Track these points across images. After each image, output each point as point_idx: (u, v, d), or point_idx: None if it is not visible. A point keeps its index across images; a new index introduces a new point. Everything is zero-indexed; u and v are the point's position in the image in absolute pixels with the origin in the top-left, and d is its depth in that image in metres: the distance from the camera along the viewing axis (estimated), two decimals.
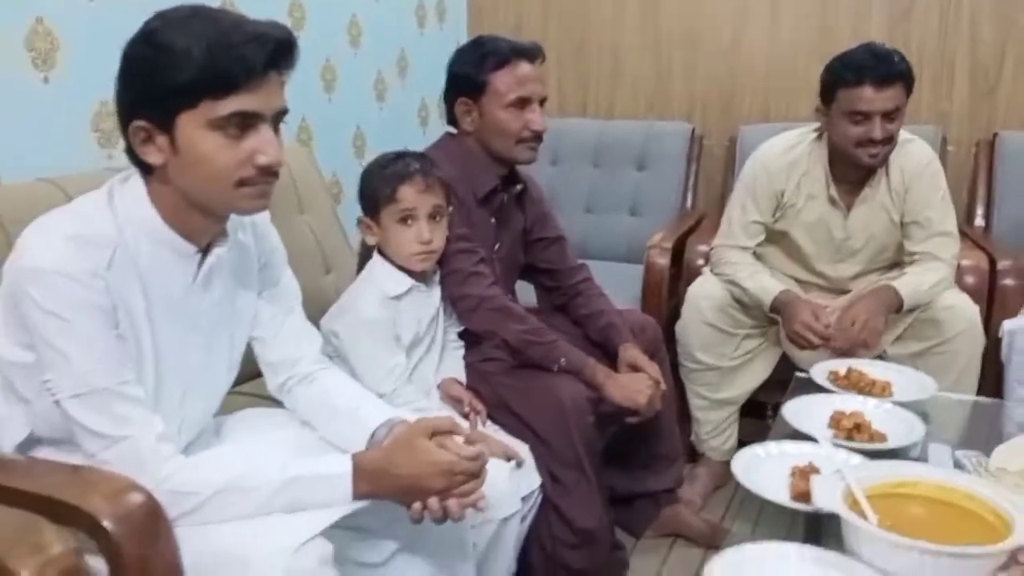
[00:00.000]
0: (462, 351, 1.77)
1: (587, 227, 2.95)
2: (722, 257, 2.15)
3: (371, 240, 1.63)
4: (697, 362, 2.17)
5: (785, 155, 2.08)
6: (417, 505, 1.16)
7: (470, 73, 1.76)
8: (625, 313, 1.97)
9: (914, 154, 2.04)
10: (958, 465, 1.42)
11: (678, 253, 2.53)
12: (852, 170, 2.02)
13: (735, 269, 2.10)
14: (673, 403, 2.01)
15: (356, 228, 1.68)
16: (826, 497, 1.15)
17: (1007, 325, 2.02)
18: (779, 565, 1.10)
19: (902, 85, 1.92)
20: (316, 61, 2.44)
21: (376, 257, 1.64)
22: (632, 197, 2.98)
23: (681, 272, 2.47)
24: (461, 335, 1.77)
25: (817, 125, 2.07)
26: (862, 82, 1.90)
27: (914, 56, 2.78)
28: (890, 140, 1.96)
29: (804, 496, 1.25)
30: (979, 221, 2.62)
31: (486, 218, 1.81)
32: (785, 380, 1.90)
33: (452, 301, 1.72)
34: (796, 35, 2.96)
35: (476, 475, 1.16)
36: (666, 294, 2.41)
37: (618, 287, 2.45)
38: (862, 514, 1.11)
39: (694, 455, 2.26)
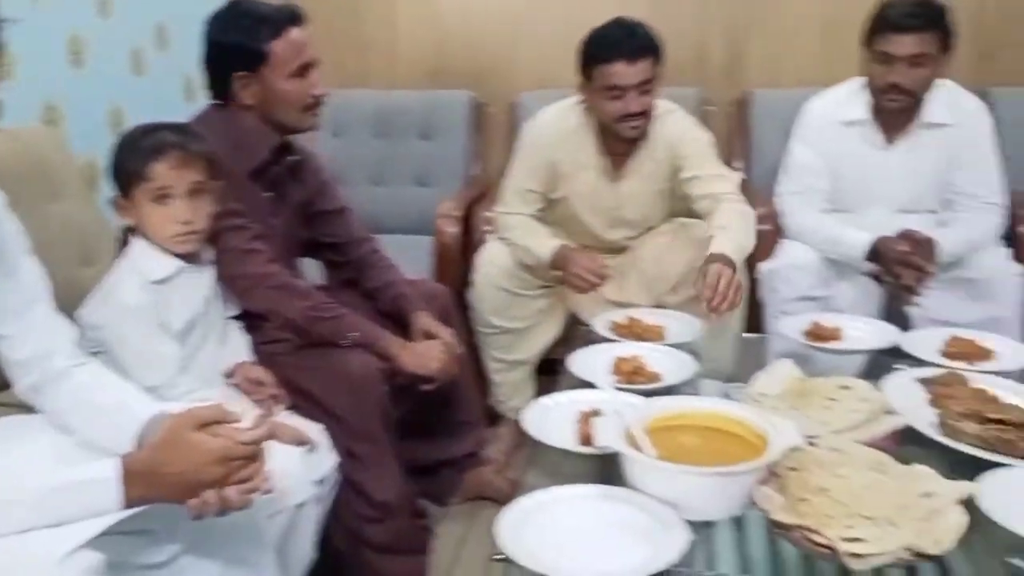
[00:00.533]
0: (246, 334, 1.69)
1: (375, 199, 2.91)
2: (502, 223, 2.19)
3: (127, 221, 1.50)
4: (491, 326, 2.20)
5: (557, 125, 2.12)
6: (194, 501, 1.08)
7: (245, 44, 1.65)
8: (415, 282, 1.96)
9: (673, 123, 2.12)
10: (727, 395, 1.54)
11: (468, 221, 2.55)
12: (618, 143, 2.10)
13: (513, 233, 2.15)
14: (469, 368, 2.03)
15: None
16: (607, 437, 1.20)
17: (764, 267, 2.21)
18: (567, 506, 1.14)
19: (652, 58, 1.99)
20: (59, 33, 2.21)
21: (135, 239, 1.51)
22: (419, 167, 2.98)
23: (472, 240, 2.49)
24: (240, 317, 1.68)
25: None
26: (614, 58, 1.96)
27: (673, 21, 2.97)
28: (647, 112, 2.03)
29: (590, 440, 1.30)
30: (740, 174, 2.81)
31: (259, 192, 1.73)
32: (575, 336, 1.98)
33: (228, 281, 1.62)
34: (563, 3, 3.04)
35: (255, 458, 1.10)
36: (458, 262, 2.42)
37: (410, 258, 2.43)
38: (640, 448, 1.17)
39: (495, 418, 2.30)
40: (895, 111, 2.13)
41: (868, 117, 2.18)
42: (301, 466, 1.42)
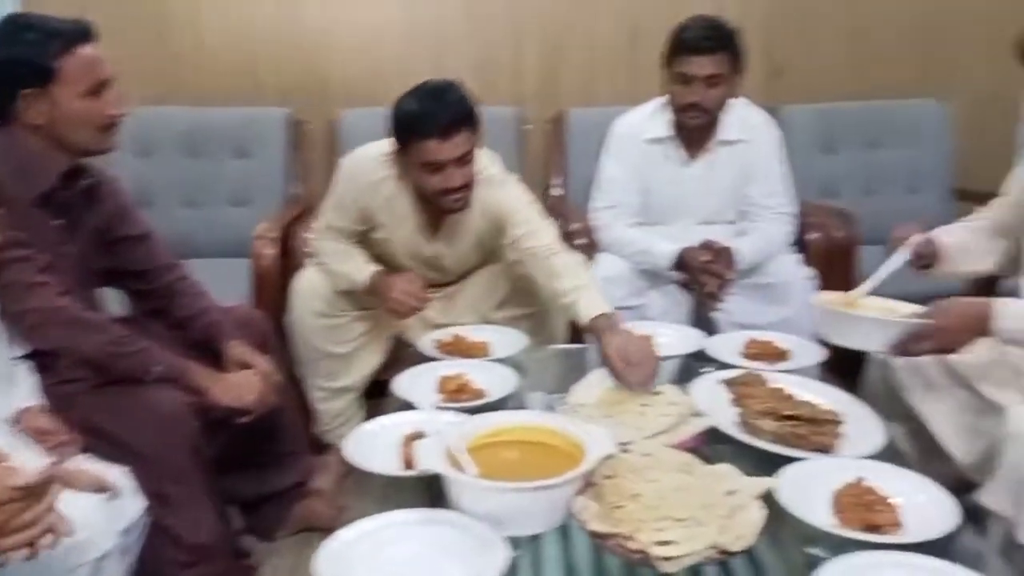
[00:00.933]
0: (35, 375, 1.54)
1: (187, 222, 2.78)
2: (317, 248, 2.10)
3: None
4: (313, 352, 2.13)
5: (374, 174, 2.01)
6: None
7: (31, 59, 1.51)
8: (229, 309, 1.87)
9: (496, 188, 2.04)
10: (550, 408, 1.57)
11: (287, 242, 2.47)
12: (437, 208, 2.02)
13: (329, 258, 2.07)
14: (291, 396, 1.96)
15: None
16: (429, 458, 1.19)
17: None
18: (390, 534, 1.12)
19: (467, 129, 1.85)
20: None
21: None
22: (234, 187, 2.86)
23: (292, 262, 2.41)
24: (30, 356, 1.53)
25: None
26: (427, 135, 1.81)
27: (488, 42, 3.04)
28: (469, 184, 1.93)
29: (413, 463, 1.29)
30: (557, 190, 2.91)
31: (48, 220, 1.59)
32: (402, 358, 1.94)
33: (12, 318, 1.48)
34: (384, 15, 3.02)
35: (38, 499, 1.00)
36: (278, 286, 2.34)
37: (227, 283, 2.34)
38: (463, 468, 1.17)
39: (323, 446, 2.22)
40: (695, 129, 2.26)
41: (671, 134, 2.31)
42: (102, 515, 1.31)
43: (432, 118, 1.81)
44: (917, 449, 1.70)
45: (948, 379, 1.64)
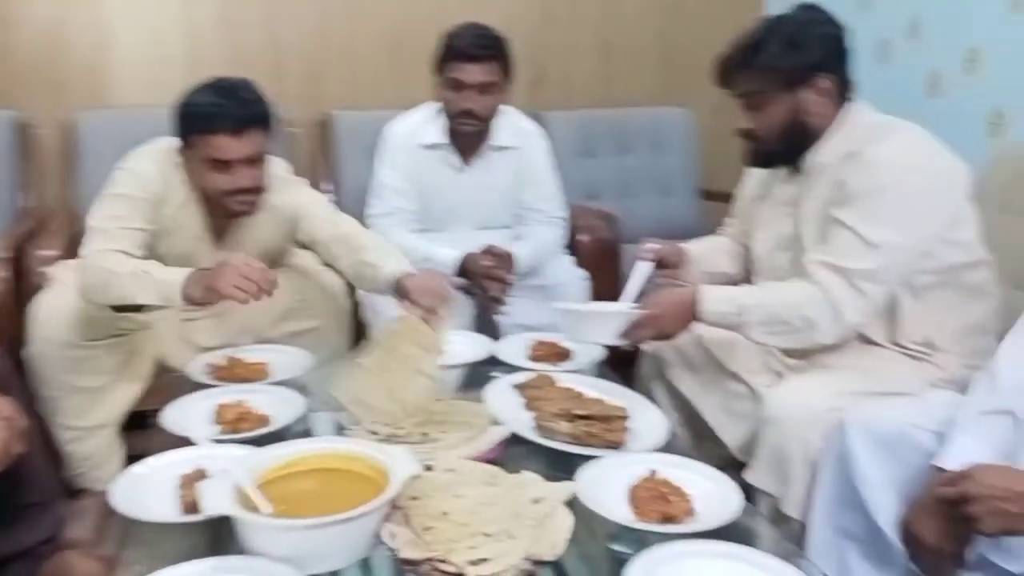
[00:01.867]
0: None
1: None
2: (103, 264, 1.73)
3: None
4: (58, 388, 1.87)
5: (153, 184, 1.82)
6: None
7: None
8: None
9: (288, 191, 1.97)
10: (342, 427, 1.49)
11: (20, 263, 2.16)
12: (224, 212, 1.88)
13: (126, 266, 1.72)
14: (37, 439, 1.71)
15: None
16: (214, 499, 1.08)
17: (362, 292, 2.21)
18: None
19: (260, 129, 1.76)
20: None
21: None
22: None
23: (27, 285, 2.12)
24: None
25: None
26: (216, 130, 1.71)
27: (245, 39, 2.87)
28: (259, 188, 1.82)
29: (196, 506, 1.17)
30: (329, 196, 2.79)
31: None
32: (166, 386, 1.75)
33: None
34: (124, 9, 2.78)
35: None
36: (11, 314, 2.04)
37: None
38: (256, 506, 1.07)
39: (76, 491, 1.97)
40: (468, 135, 2.27)
41: (445, 141, 2.30)
42: None
43: (225, 112, 1.71)
44: (692, 435, 1.82)
45: (713, 370, 1.77)
